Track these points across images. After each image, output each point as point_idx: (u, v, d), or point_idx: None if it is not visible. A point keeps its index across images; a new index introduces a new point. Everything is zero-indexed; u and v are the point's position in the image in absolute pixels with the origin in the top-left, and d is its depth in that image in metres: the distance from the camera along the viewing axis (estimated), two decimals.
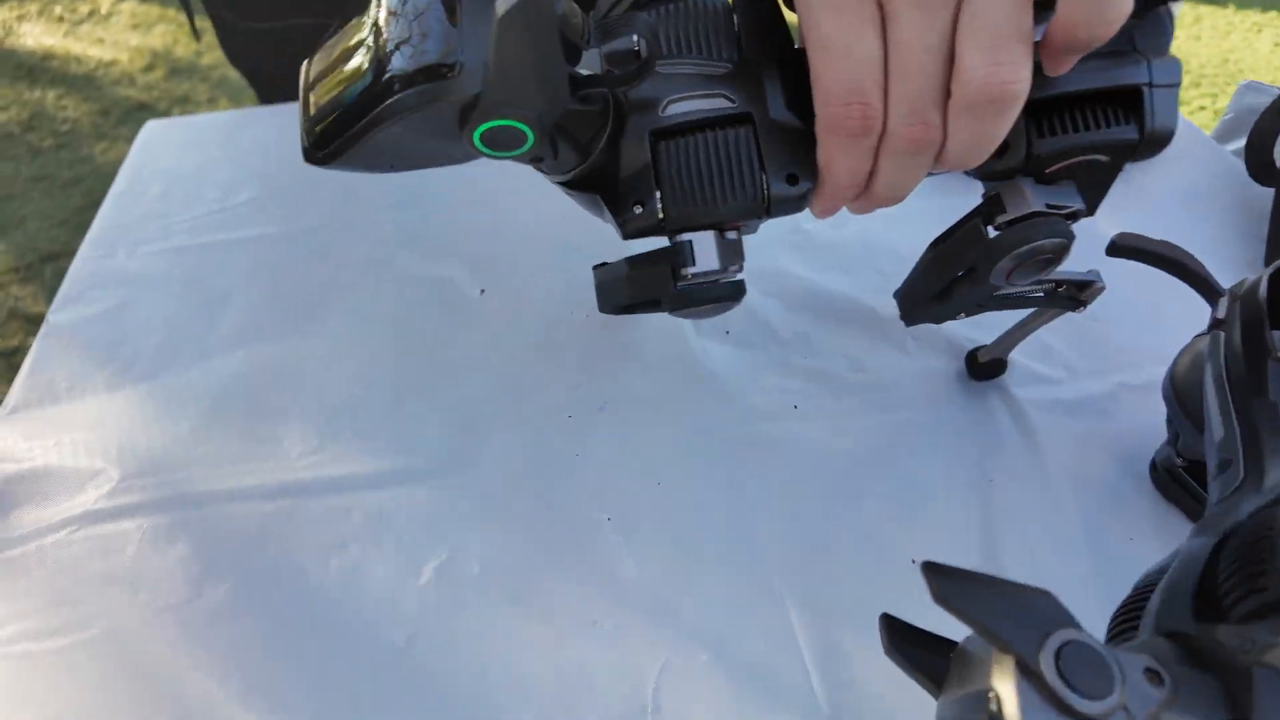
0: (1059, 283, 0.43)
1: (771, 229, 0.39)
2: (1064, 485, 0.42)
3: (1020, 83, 0.24)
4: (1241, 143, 0.59)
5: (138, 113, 2.14)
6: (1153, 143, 0.31)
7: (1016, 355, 0.48)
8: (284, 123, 0.68)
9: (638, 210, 0.29)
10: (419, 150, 0.27)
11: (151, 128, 0.68)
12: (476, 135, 0.25)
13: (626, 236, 0.30)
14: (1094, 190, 0.33)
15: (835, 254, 0.55)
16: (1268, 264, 0.51)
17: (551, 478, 0.43)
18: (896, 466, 0.43)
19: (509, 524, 0.41)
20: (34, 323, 1.56)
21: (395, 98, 0.25)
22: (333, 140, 0.26)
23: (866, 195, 0.29)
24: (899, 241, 0.39)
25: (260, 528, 0.40)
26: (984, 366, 0.47)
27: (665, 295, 0.31)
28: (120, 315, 0.52)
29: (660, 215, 0.29)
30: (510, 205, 0.59)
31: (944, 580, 0.18)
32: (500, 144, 0.26)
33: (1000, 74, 0.24)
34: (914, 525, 0.41)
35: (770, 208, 0.30)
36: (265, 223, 0.59)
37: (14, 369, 1.53)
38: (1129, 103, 0.30)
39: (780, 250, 0.55)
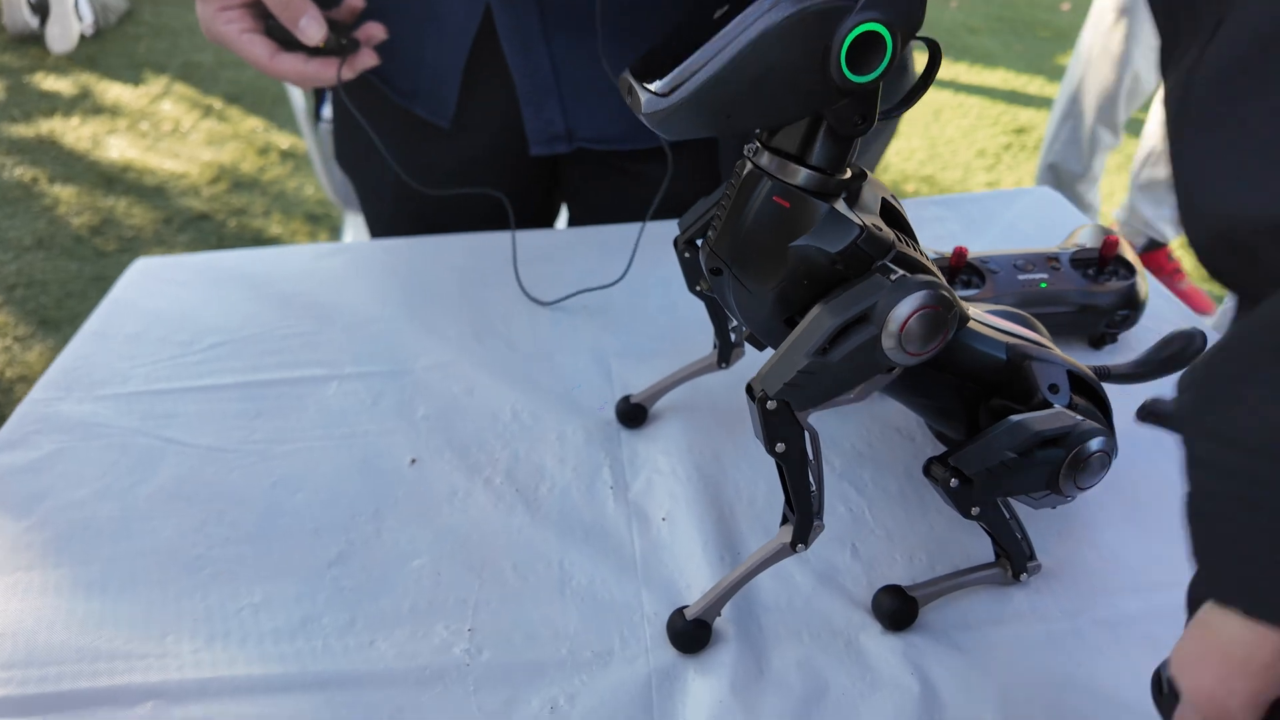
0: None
1: None
2: None
3: None
4: None
5: (197, 221, 2.26)
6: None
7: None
8: (277, 266, 0.70)
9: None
10: (777, 88, 0.31)
11: (139, 266, 0.70)
12: (847, 42, 0.30)
13: (822, 349, 0.34)
14: None
15: None
16: None
17: (444, 693, 0.39)
18: None
19: None
20: None
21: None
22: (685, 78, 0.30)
23: None
24: None
25: None
26: (899, 607, 0.41)
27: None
28: (52, 464, 0.52)
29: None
30: (478, 379, 0.58)
31: None
32: (862, 58, 0.30)
33: None
34: None
35: None
36: (224, 372, 0.59)
37: None
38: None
39: None
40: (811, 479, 0.37)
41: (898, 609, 0.41)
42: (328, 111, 1.77)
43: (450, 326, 0.62)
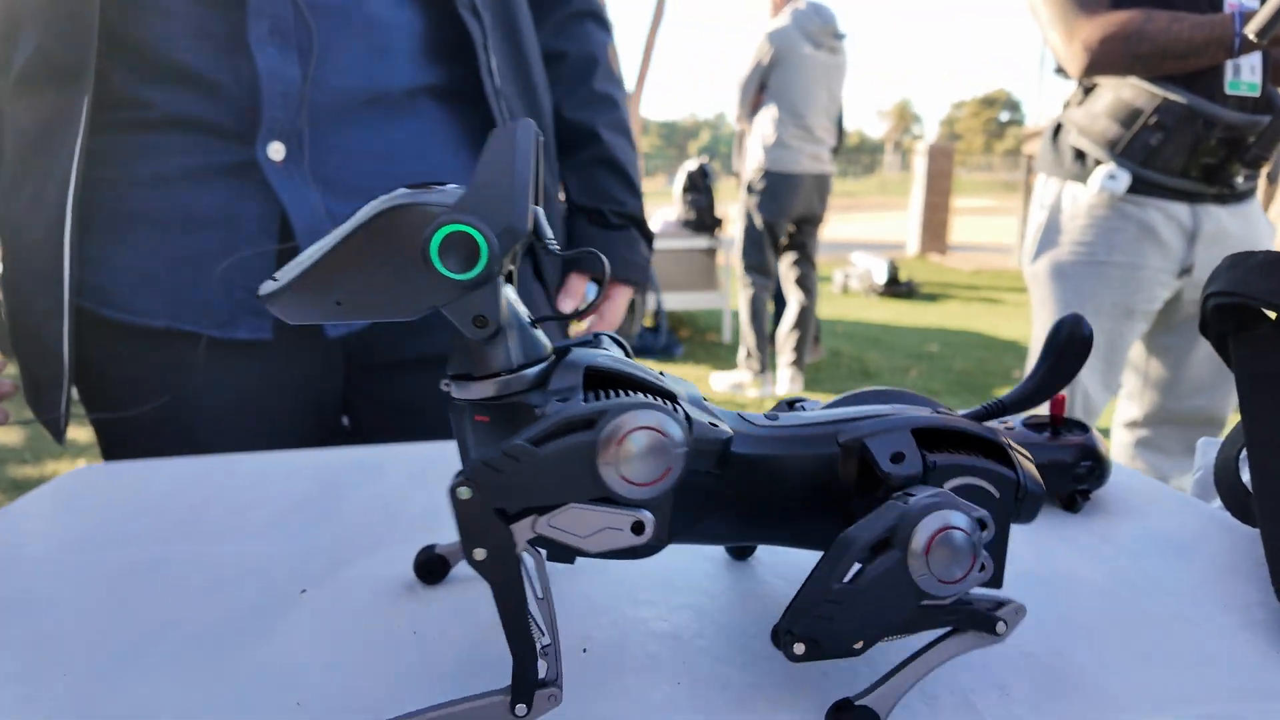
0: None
1: None
2: None
3: None
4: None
5: None
6: (1028, 499, 0.35)
7: (950, 694, 0.36)
8: (220, 471, 0.68)
9: (546, 415, 0.31)
10: (382, 279, 0.30)
11: (82, 470, 0.69)
12: (436, 239, 0.29)
13: (536, 439, 0.30)
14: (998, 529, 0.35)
15: None
16: None
17: None
18: None
19: None
20: None
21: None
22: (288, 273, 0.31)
23: None
24: None
25: None
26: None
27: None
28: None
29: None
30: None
31: None
32: (459, 257, 0.29)
33: None
34: None
35: None
36: (133, 546, 0.54)
37: None
38: (1002, 457, 0.36)
39: None
40: (539, 619, 0.30)
41: None
42: None
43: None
